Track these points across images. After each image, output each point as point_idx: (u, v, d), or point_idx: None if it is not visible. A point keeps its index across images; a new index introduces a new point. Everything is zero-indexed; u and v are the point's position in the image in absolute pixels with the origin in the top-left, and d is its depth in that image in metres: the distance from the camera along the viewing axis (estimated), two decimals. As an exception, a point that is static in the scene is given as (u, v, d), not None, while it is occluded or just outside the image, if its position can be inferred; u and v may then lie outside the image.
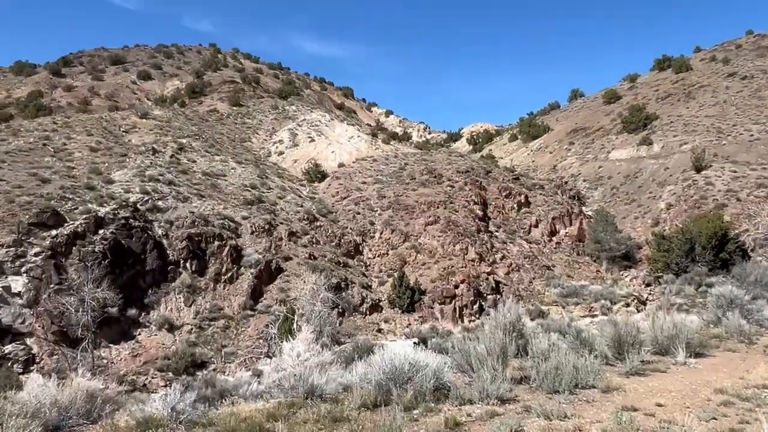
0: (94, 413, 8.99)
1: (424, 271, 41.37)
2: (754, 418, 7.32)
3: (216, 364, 29.13)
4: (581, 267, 47.91)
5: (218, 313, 32.92)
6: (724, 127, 67.79)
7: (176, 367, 27.60)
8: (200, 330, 31.42)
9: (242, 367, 28.63)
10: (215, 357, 29.68)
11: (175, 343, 29.98)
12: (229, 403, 10.51)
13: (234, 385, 20.28)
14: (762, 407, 8.16)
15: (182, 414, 7.99)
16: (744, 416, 7.65)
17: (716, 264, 38.44)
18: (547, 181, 62.89)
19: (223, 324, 32.20)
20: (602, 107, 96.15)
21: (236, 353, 30.20)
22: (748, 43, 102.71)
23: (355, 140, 77.62)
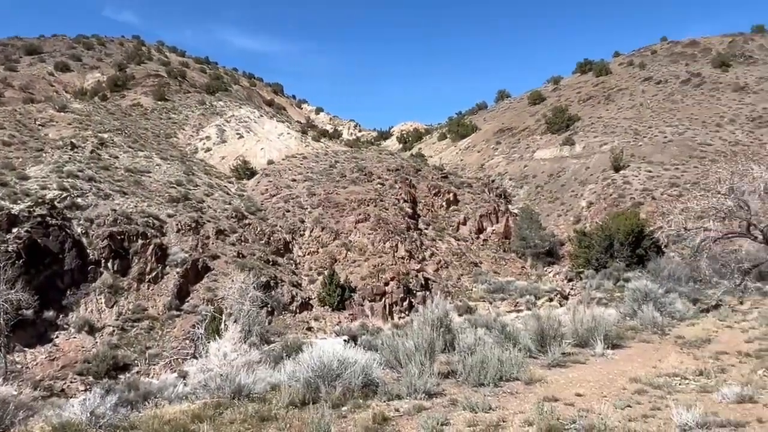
0: (6, 420, 8.55)
1: (355, 268, 41.42)
2: (664, 405, 7.72)
3: (140, 366, 28.23)
4: (507, 263, 49.15)
5: (142, 314, 31.90)
6: (640, 129, 71.04)
7: (97, 371, 26.57)
8: (123, 331, 30.36)
9: (168, 369, 27.86)
10: (139, 359, 28.76)
11: (95, 345, 28.85)
12: (153, 406, 10.22)
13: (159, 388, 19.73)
14: (672, 394, 8.62)
15: (102, 418, 7.71)
16: (656, 403, 8.06)
17: (633, 259, 40.19)
18: (474, 180, 64.12)
19: (148, 325, 31.24)
20: (528, 108, 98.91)
21: (161, 355, 29.36)
22: (662, 50, 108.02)
23: (285, 137, 76.89)
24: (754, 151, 46.36)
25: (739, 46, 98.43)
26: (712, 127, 66.99)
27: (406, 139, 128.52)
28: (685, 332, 15.25)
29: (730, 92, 78.20)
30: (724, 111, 71.64)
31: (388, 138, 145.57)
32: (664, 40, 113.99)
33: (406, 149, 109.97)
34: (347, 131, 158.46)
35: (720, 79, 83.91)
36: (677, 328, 16.36)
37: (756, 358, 11.24)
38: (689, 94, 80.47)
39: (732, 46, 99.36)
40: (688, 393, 8.75)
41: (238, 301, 29.60)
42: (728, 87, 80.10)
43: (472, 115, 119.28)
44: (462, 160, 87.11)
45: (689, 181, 53.48)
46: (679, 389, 9.05)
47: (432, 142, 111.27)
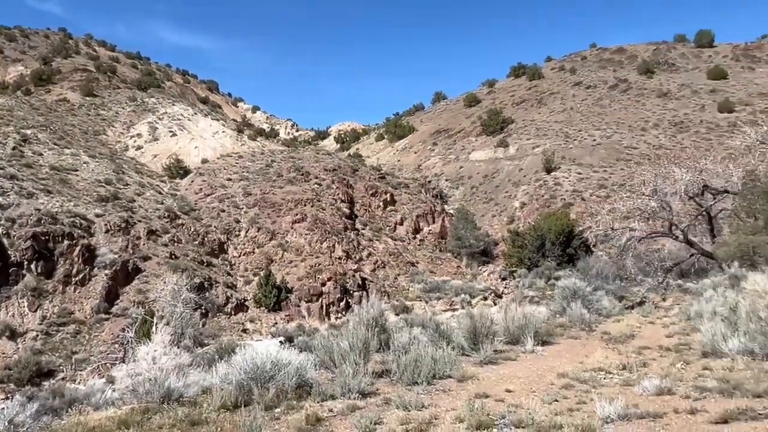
0: None
1: (291, 269, 41.10)
2: (589, 399, 8.00)
3: (66, 372, 27.13)
4: (443, 263, 49.80)
5: (68, 318, 30.68)
6: (570, 132, 73.32)
7: (19, 378, 25.37)
8: (47, 336, 29.12)
9: (95, 375, 26.89)
10: (65, 365, 27.64)
11: (17, 351, 27.56)
12: (77, 413, 9.86)
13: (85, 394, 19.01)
14: (597, 388, 8.94)
15: (22, 427, 7.39)
16: (581, 397, 8.34)
17: (564, 258, 41.42)
18: (411, 180, 64.70)
19: (74, 329, 30.07)
20: (463, 110, 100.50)
21: (89, 360, 28.31)
22: (592, 56, 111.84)
23: (220, 136, 75.52)
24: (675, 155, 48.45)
25: (662, 54, 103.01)
26: (638, 131, 69.82)
27: (343, 139, 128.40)
28: (610, 328, 15.83)
29: (654, 98, 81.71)
30: (649, 116, 74.80)
31: (326, 138, 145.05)
32: (594, 47, 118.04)
33: (343, 149, 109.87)
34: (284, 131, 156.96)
35: (645, 85, 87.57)
36: (603, 324, 16.97)
37: (675, 352, 11.77)
38: (617, 99, 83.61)
39: (656, 53, 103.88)
40: (611, 387, 9.09)
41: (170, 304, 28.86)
42: (653, 93, 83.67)
43: (410, 116, 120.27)
44: (399, 161, 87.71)
45: (616, 182, 55.57)
46: (603, 383, 9.39)
47: (370, 142, 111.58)
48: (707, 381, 8.47)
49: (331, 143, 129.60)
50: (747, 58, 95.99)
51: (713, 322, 12.10)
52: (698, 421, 6.83)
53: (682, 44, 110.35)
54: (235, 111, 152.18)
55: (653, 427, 6.75)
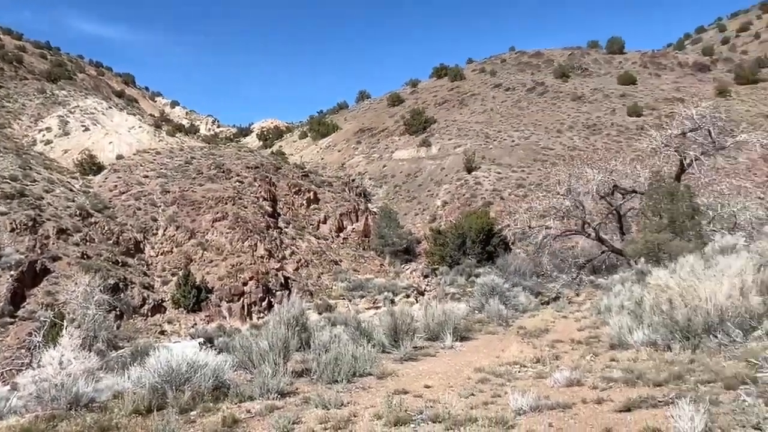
0: None
1: (212, 268, 40.18)
2: (504, 392, 8.23)
3: (-35, 380, 25.49)
4: (367, 261, 49.98)
5: (-32, 323, 28.84)
6: (491, 132, 75.18)
7: None
8: (-56, 342, 27.28)
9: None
10: (-36, 372, 25.97)
11: None
12: (-24, 423, 9.27)
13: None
14: (511, 381, 9.22)
15: None
16: (497, 390, 8.57)
17: (484, 256, 42.35)
18: (335, 179, 64.55)
19: (-25, 334, 28.30)
20: (387, 109, 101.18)
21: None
22: (511, 59, 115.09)
23: (137, 131, 72.92)
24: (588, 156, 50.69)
25: (577, 59, 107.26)
26: (554, 133, 72.42)
27: (266, 136, 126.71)
28: (526, 323, 16.36)
29: (569, 101, 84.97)
30: (564, 118, 77.73)
31: (249, 135, 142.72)
32: (513, 50, 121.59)
33: (266, 147, 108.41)
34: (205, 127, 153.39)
35: (561, 88, 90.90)
36: (520, 319, 17.52)
37: (585, 345, 12.29)
38: (534, 102, 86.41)
39: (571, 58, 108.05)
40: (525, 380, 9.39)
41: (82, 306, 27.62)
42: (568, 96, 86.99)
43: (334, 114, 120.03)
44: (323, 159, 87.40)
45: (533, 182, 57.43)
46: (518, 376, 9.69)
47: (293, 140, 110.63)
48: (613, 372, 8.88)
49: (254, 141, 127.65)
50: (654, 65, 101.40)
51: (620, 315, 12.70)
52: (604, 410, 7.16)
53: (595, 50, 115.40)
54: (152, 106, 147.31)
55: (562, 417, 7.03)
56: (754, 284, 10.70)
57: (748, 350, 8.77)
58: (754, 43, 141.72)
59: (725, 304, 10.19)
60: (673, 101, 72.50)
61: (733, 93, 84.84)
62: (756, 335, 9.60)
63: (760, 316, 9.96)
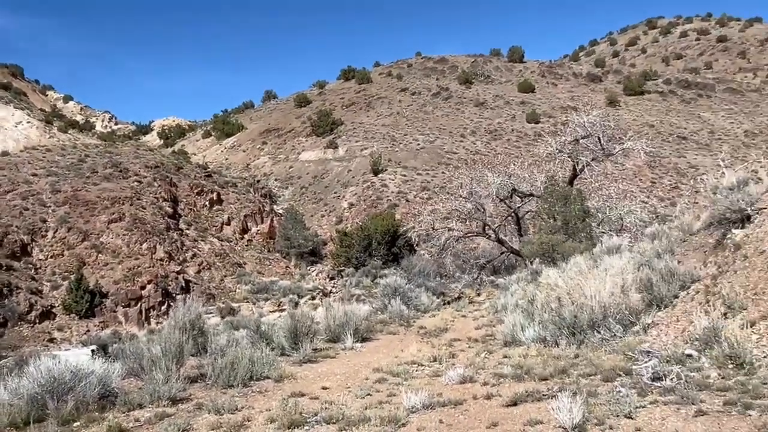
0: None
1: (107, 272, 38.32)
2: (400, 391, 8.35)
3: None
4: (272, 263, 49.29)
5: None
6: (397, 135, 76.15)
7: None
8: None
9: None
10: None
11: None
12: None
13: None
14: (408, 380, 9.37)
15: None
16: (393, 390, 8.69)
17: (389, 257, 42.87)
18: (240, 180, 63.26)
19: None
20: (294, 110, 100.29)
21: None
22: (417, 63, 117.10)
23: (25, 126, 68.56)
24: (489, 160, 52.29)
25: (480, 66, 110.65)
26: (457, 137, 74.31)
27: (167, 135, 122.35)
28: (426, 323, 16.68)
29: (472, 107, 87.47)
30: (467, 123, 79.93)
31: (149, 133, 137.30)
32: (419, 55, 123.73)
33: (167, 146, 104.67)
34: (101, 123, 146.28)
35: (464, 94, 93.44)
36: (421, 319, 17.84)
37: (481, 343, 12.68)
38: (439, 106, 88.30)
39: (474, 65, 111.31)
40: (421, 378, 9.57)
41: (-41, 313, 25.69)
42: (471, 102, 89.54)
43: (239, 113, 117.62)
44: (227, 159, 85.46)
45: (438, 185, 58.67)
46: (415, 375, 9.86)
47: (196, 139, 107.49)
48: (505, 368, 9.21)
49: (155, 139, 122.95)
50: (551, 75, 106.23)
51: (515, 314, 13.20)
52: (493, 405, 7.41)
53: (497, 58, 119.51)
54: (43, 100, 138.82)
55: (453, 414, 7.21)
56: (634, 282, 11.43)
57: (626, 344, 9.36)
58: (641, 57, 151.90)
59: (608, 302, 10.82)
60: (568, 109, 76.28)
61: (621, 103, 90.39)
62: (634, 330, 10.26)
63: (639, 312, 10.64)
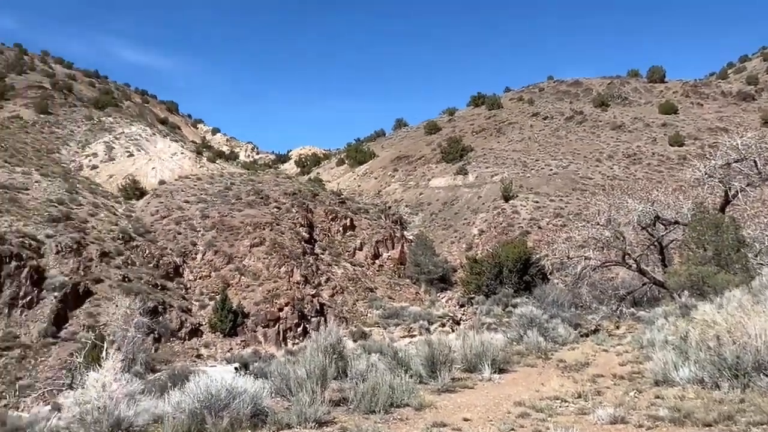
0: None
1: (248, 293, 40.53)
2: (545, 427, 8.04)
3: (8, 399, 26.05)
4: (402, 289, 49.80)
5: (13, 342, 29.54)
6: (528, 161, 74.75)
7: (-43, 405, 24.26)
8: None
9: (40, 401, 25.90)
10: (8, 391, 26.55)
11: (-43, 377, 26.37)
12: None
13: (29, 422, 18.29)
14: (553, 417, 9.00)
15: (-41, 458, 7.04)
16: (537, 426, 8.38)
17: (521, 286, 41.85)
18: (371, 206, 64.81)
19: (19, 354, 28.96)
20: (424, 137, 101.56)
21: (34, 386, 27.26)
22: (549, 87, 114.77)
23: (179, 157, 74.57)
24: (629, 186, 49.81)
25: (616, 88, 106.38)
26: (593, 162, 71.62)
27: (304, 163, 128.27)
28: (566, 356, 16.00)
29: (608, 130, 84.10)
30: (603, 147, 76.89)
31: (287, 161, 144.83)
32: (551, 79, 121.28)
33: (304, 173, 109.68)
34: (244, 153, 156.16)
35: (600, 117, 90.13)
36: (559, 352, 17.15)
37: (628, 381, 11.95)
38: (573, 130, 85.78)
39: (610, 87, 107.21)
40: (567, 415, 9.16)
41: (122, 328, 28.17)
42: (607, 125, 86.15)
43: (371, 142, 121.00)
44: (359, 186, 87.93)
45: (572, 212, 56.70)
46: (559, 411, 9.46)
47: (330, 167, 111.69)
48: (659, 410, 8.61)
49: (292, 167, 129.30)
50: (696, 95, 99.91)
51: (665, 350, 12.33)
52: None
53: (635, 79, 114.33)
54: (194, 132, 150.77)
55: (608, 457, 6.82)
56: (807, 321, 10.31)
57: (803, 391, 8.43)
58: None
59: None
60: (717, 131, 71.30)
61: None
62: (810, 375, 9.23)
63: (814, 356, 9.57)
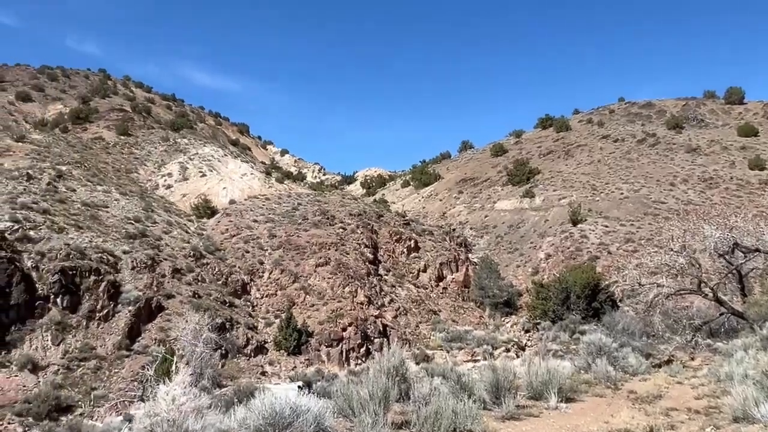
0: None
1: (313, 312, 40.98)
2: (615, 461, 7.75)
3: (84, 408, 27.12)
4: (466, 312, 49.27)
5: (90, 353, 30.81)
6: (598, 184, 72.96)
7: (38, 412, 25.38)
8: (68, 371, 29.20)
9: (113, 412, 26.85)
10: (83, 400, 27.65)
11: (38, 384, 27.64)
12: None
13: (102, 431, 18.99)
14: (623, 450, 8.67)
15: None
16: (606, 459, 8.09)
17: (589, 312, 40.73)
18: (436, 228, 64.66)
19: (95, 365, 30.15)
20: (490, 159, 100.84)
21: (107, 396, 28.29)
22: (620, 109, 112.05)
23: (248, 177, 76.60)
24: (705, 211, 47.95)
25: (691, 110, 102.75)
26: (666, 186, 69.21)
27: (369, 184, 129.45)
28: (637, 387, 15.42)
29: (683, 153, 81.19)
30: (678, 171, 74.22)
31: (352, 183, 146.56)
32: (622, 101, 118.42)
33: (369, 194, 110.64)
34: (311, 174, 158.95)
35: (674, 140, 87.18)
36: (630, 382, 16.55)
37: (705, 416, 11.40)
38: (645, 153, 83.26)
39: (685, 109, 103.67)
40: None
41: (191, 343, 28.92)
42: (681, 148, 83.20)
43: (436, 163, 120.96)
44: (424, 208, 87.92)
45: (644, 237, 54.86)
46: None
47: (395, 188, 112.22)
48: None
49: (357, 188, 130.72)
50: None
51: (744, 385, 11.71)
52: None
53: (711, 100, 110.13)
54: (264, 153, 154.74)
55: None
56: None
57: None
58: None
59: None
60: (801, 154, 67.72)
61: None
62: None
63: None
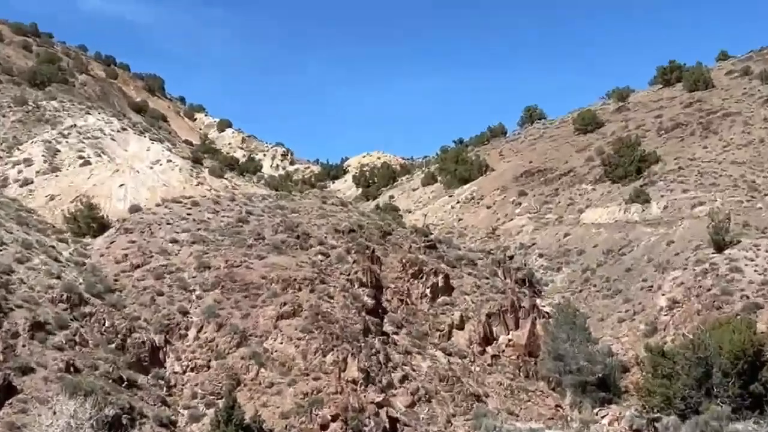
0: None
1: (271, 398, 40.86)
2: None
3: None
4: (532, 398, 49.06)
5: None
6: (760, 181, 72.69)
7: None
8: None
9: None
10: None
11: None
12: None
13: None
14: None
15: None
16: None
17: (745, 400, 40.45)
18: (481, 254, 64.53)
19: None
20: (573, 138, 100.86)
21: None
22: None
23: (164, 167, 76.74)
24: None
25: None
26: None
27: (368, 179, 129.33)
28: None
29: None
30: None
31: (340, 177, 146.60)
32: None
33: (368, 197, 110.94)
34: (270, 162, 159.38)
35: None
36: None
37: None
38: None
39: None
40: None
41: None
42: None
43: (480, 145, 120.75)
44: (461, 220, 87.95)
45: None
46: None
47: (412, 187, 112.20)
48: None
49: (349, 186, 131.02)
50: None
51: None
52: None
53: None
54: (190, 127, 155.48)
55: None
56: None
57: None
58: None
59: None
60: None
61: None
62: None
63: None
